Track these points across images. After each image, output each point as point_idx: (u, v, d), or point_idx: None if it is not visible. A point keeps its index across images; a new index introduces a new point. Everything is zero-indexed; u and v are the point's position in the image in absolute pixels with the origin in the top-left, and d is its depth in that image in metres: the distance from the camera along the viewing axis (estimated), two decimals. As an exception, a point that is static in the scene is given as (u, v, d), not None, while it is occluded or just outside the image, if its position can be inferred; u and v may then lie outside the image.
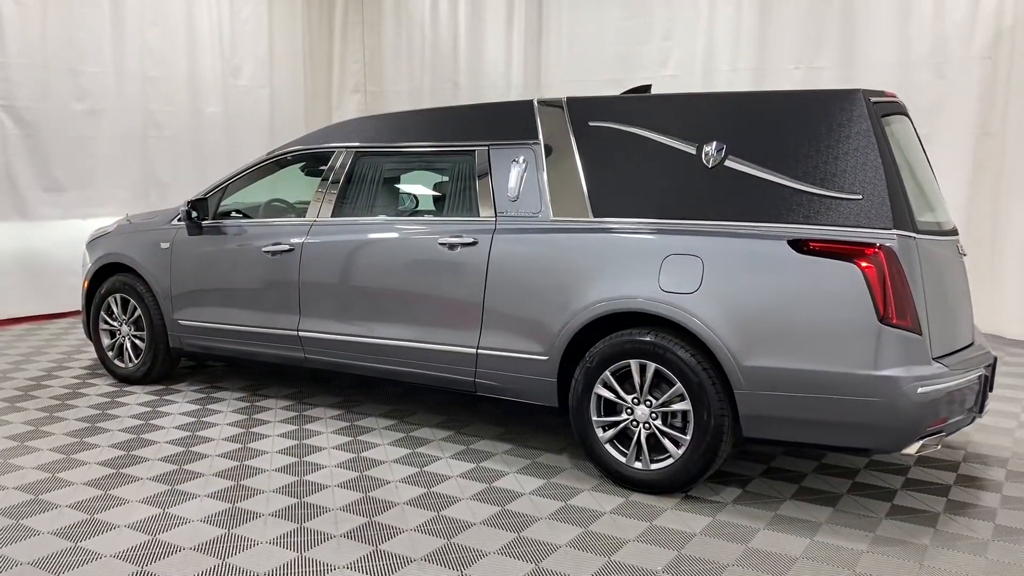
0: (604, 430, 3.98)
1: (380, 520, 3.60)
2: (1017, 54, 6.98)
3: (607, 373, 3.93)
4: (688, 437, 3.74)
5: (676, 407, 3.77)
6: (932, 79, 7.34)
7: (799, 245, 3.54)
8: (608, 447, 3.97)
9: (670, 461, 3.81)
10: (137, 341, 5.64)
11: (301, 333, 4.92)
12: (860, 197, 3.51)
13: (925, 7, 7.34)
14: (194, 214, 5.28)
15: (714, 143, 3.86)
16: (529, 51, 9.31)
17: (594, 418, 3.99)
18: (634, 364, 3.86)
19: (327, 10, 10.56)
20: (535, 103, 4.47)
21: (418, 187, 5.11)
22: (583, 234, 4.03)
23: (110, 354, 5.79)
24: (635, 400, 3.88)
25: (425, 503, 3.78)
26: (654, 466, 3.85)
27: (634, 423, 3.90)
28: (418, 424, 4.92)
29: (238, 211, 5.48)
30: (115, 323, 5.74)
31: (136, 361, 5.66)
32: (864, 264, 3.40)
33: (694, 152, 3.89)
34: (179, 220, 5.49)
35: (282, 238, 4.99)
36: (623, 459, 3.93)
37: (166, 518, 3.61)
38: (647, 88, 4.61)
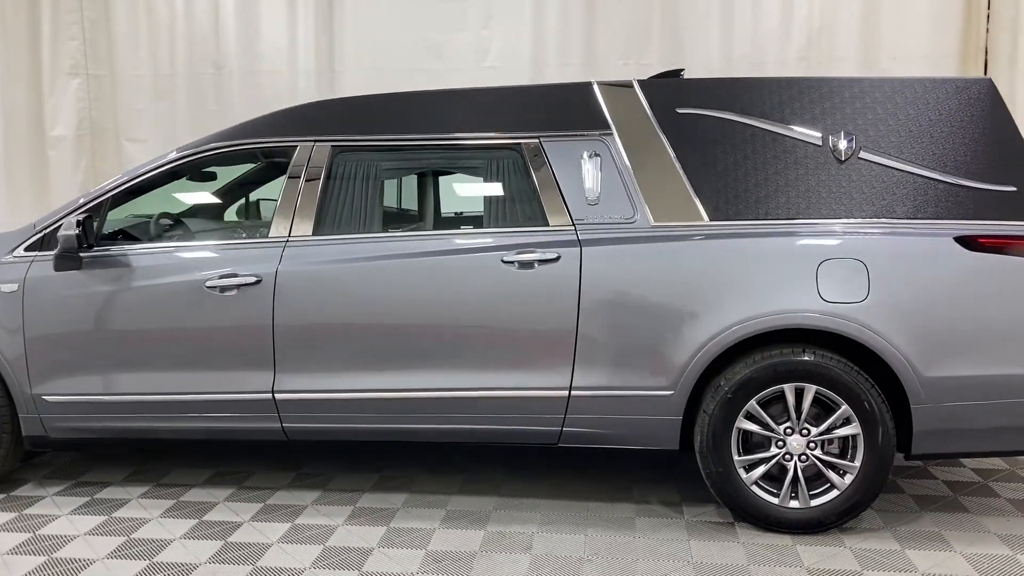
0: (747, 470, 3.40)
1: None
2: (824, 58, 7.57)
3: (753, 402, 3.35)
4: (857, 464, 3.32)
5: (840, 432, 3.33)
6: (754, 78, 7.68)
7: (967, 242, 3.29)
8: (755, 488, 3.40)
9: (835, 494, 3.36)
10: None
11: (279, 396, 3.58)
12: (1015, 189, 3.35)
13: (745, 9, 7.65)
14: (67, 242, 3.57)
15: (841, 133, 3.46)
16: (321, 33, 8.09)
17: (736, 457, 3.39)
18: (788, 389, 3.33)
19: (20, -32, 8.21)
20: (595, 85, 3.70)
21: (443, 191, 3.99)
22: (708, 241, 3.39)
23: None
24: (787, 430, 3.36)
25: None
26: (815, 502, 3.37)
27: (787, 456, 3.37)
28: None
29: (124, 233, 3.87)
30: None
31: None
32: None
33: (820, 144, 3.46)
34: (29, 250, 3.71)
35: (236, 266, 3.58)
36: (775, 500, 3.39)
37: None
38: (679, 72, 4.06)
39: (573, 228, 3.48)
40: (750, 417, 3.38)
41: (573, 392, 3.44)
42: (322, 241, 3.59)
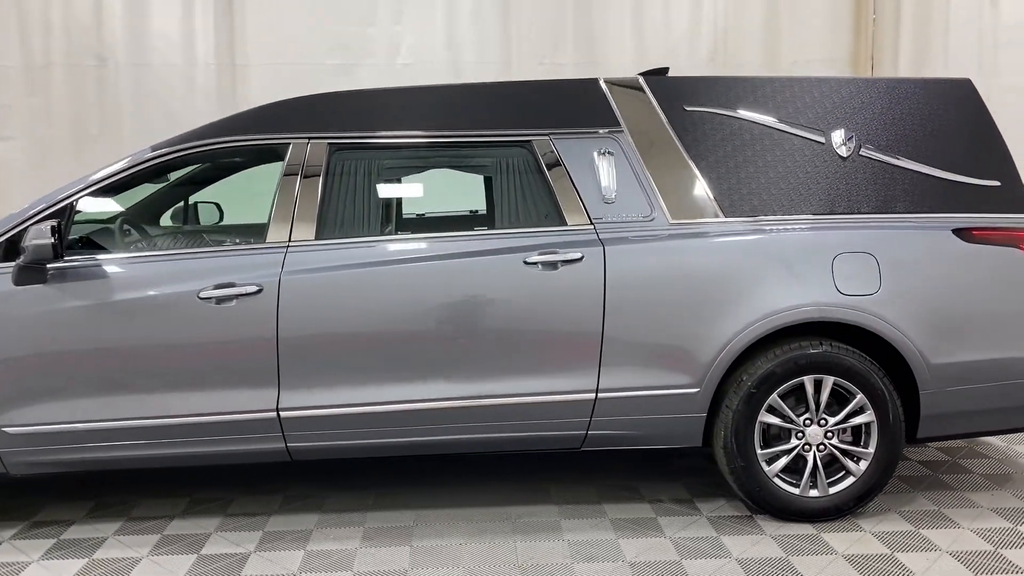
0: (768, 463, 3.45)
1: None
2: (731, 61, 7.86)
3: (775, 396, 3.41)
4: (871, 451, 3.44)
5: (856, 421, 3.44)
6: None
7: (963, 234, 3.48)
8: (777, 480, 3.45)
9: (851, 481, 3.47)
10: None
11: (284, 413, 3.30)
12: (999, 183, 3.58)
13: (656, 13, 7.82)
14: (39, 252, 3.14)
15: (841, 131, 3.58)
16: (220, 24, 7.61)
17: (759, 451, 3.43)
18: (808, 381, 3.41)
19: None
20: (602, 82, 3.65)
21: (450, 190, 3.79)
22: (728, 238, 3.41)
23: None
24: (806, 421, 3.44)
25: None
26: (833, 490, 3.47)
27: (806, 447, 3.45)
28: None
29: (87, 242, 3.46)
30: None
31: None
32: None
33: (823, 141, 3.56)
34: (-21, 260, 3.25)
35: (232, 275, 3.27)
36: (795, 490, 3.46)
37: None
38: (665, 71, 4.07)
39: (592, 227, 3.41)
40: (771, 410, 3.42)
41: (600, 394, 3.37)
42: (328, 246, 3.34)
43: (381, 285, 3.31)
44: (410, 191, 3.82)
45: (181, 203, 4.28)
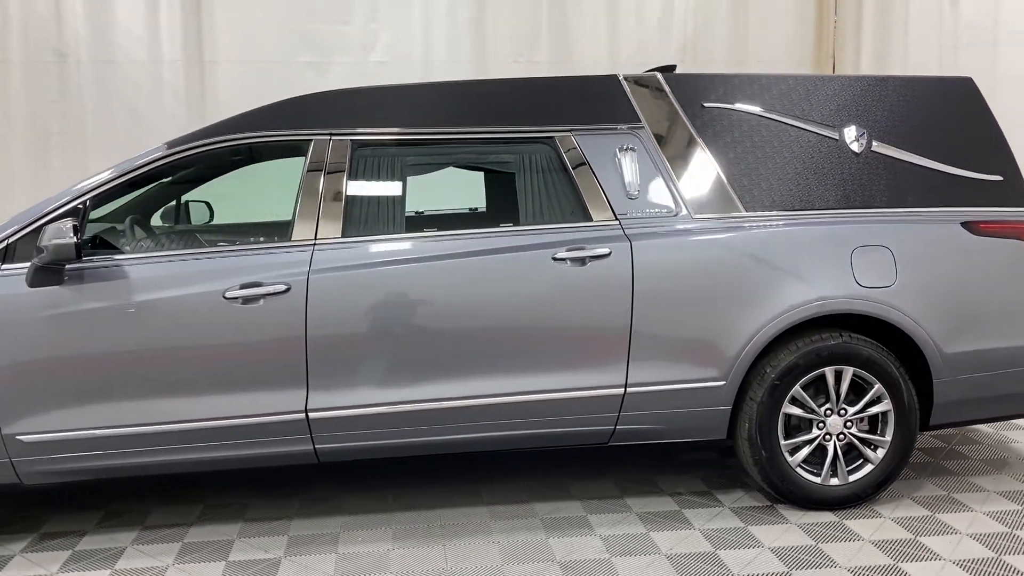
0: (791, 453, 3.52)
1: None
2: (700, 59, 7.98)
3: (797, 387, 3.47)
4: (888, 439, 3.54)
5: (873, 410, 3.53)
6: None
7: (971, 227, 3.59)
8: (799, 470, 3.52)
9: (869, 468, 3.55)
10: None
11: (312, 414, 3.23)
12: (1001, 178, 3.71)
13: (629, 12, 7.90)
14: (61, 252, 3.01)
15: (853, 127, 3.66)
16: (188, 20, 7.42)
17: (783, 442, 3.49)
18: (829, 372, 3.48)
19: None
20: (621, 78, 3.67)
21: (475, 187, 3.74)
22: (752, 232, 3.46)
23: None
24: (827, 412, 3.51)
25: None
26: (852, 478, 3.55)
27: (826, 437, 3.53)
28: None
29: (101, 240, 3.34)
30: None
31: None
32: None
33: (837, 137, 3.64)
34: (-11, 262, 3.11)
35: (259, 274, 3.19)
36: (816, 479, 3.53)
37: None
38: (672, 68, 4.11)
39: (618, 223, 3.43)
40: (793, 401, 3.49)
41: (628, 389, 3.39)
42: (355, 243, 3.29)
43: (410, 282, 3.28)
44: (433, 187, 3.77)
45: (172, 202, 4.17)
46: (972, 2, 6.88)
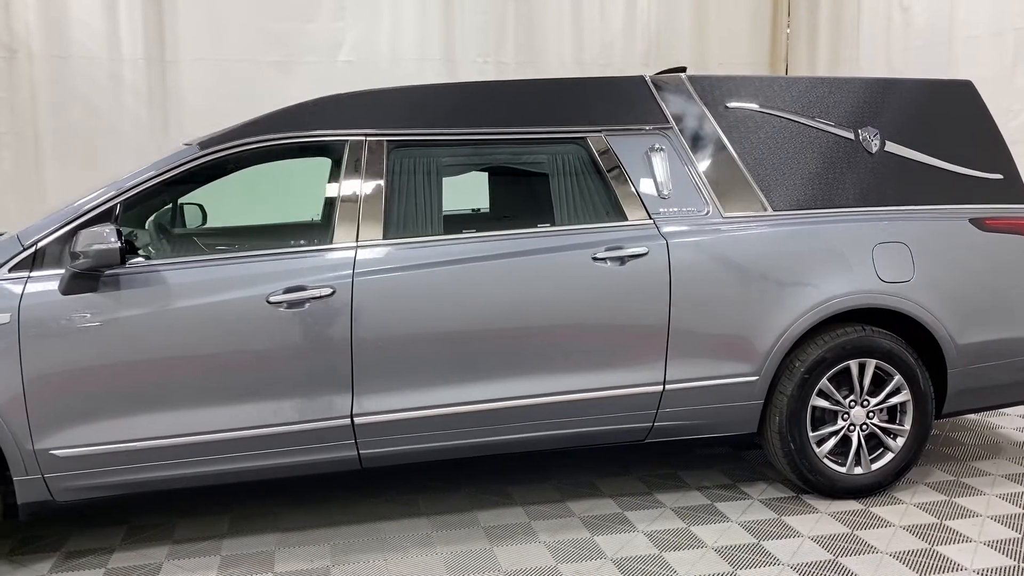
0: (818, 444, 3.62)
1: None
2: (664, 61, 8.11)
3: (825, 380, 3.58)
4: (907, 427, 3.68)
5: (893, 400, 3.66)
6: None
7: (978, 223, 3.77)
8: (826, 461, 3.63)
9: (890, 457, 3.69)
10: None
11: (358, 420, 3.18)
12: (1001, 176, 3.90)
13: (594, 14, 7.98)
14: (104, 258, 2.87)
15: (868, 128, 3.80)
16: (149, 17, 7.16)
17: (811, 434, 3.60)
18: (854, 364, 3.60)
19: None
20: (648, 79, 3.71)
21: (513, 187, 3.71)
22: (781, 229, 3.55)
23: None
24: (851, 403, 3.63)
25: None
26: (875, 466, 3.68)
27: (851, 427, 3.64)
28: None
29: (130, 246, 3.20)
30: None
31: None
32: None
33: (853, 137, 3.77)
34: (15, 270, 2.95)
35: (302, 277, 3.12)
36: (841, 469, 3.65)
37: None
38: (682, 69, 4.18)
39: (652, 222, 3.47)
40: (820, 394, 3.59)
41: (668, 385, 3.44)
42: (397, 244, 3.24)
43: (455, 283, 3.25)
44: (469, 188, 3.75)
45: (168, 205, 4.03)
46: (923, 5, 7.10)
